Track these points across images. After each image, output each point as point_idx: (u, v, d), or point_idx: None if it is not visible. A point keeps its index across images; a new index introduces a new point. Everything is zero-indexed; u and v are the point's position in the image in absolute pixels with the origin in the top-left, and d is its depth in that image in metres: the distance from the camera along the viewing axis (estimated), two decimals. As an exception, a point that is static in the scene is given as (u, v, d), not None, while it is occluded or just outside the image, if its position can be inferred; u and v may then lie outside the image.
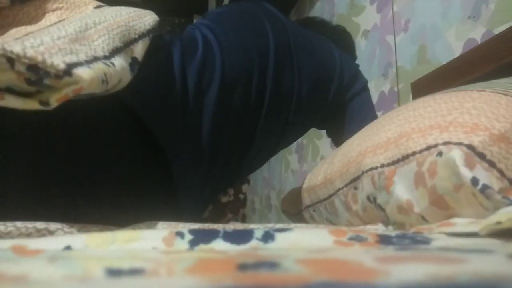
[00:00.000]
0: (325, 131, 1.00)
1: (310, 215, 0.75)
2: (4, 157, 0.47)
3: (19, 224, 0.40)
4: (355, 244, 0.28)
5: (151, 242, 0.25)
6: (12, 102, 0.36)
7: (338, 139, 0.93)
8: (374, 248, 0.27)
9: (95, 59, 0.40)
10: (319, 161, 2.00)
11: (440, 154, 0.41)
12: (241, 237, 0.27)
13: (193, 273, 0.15)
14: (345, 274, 0.15)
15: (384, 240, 0.29)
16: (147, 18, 0.56)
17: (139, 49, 0.50)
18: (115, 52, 0.45)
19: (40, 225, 0.40)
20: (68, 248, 0.24)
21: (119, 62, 0.44)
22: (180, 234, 0.26)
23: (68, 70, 0.36)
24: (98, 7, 0.54)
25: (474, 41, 1.09)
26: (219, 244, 0.26)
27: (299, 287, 0.13)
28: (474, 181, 0.37)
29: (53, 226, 0.41)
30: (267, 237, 0.27)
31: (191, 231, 0.27)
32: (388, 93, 1.50)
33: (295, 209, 0.83)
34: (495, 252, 0.21)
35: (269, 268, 0.15)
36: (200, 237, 0.26)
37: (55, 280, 0.14)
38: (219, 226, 0.37)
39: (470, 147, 0.39)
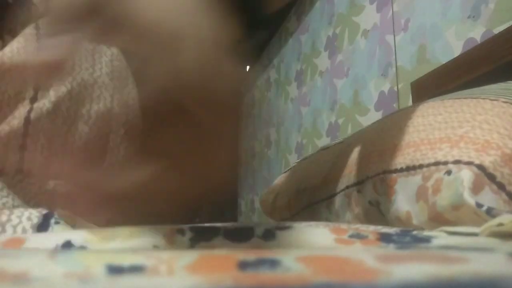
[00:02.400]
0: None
1: (309, 216, 0.75)
2: None
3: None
4: (355, 242, 0.28)
5: (151, 239, 0.25)
6: None
7: None
8: (375, 246, 0.27)
9: None
10: (318, 161, 1.99)
11: (449, 172, 0.40)
12: (242, 235, 0.27)
13: (194, 271, 0.15)
14: (346, 274, 0.15)
15: (384, 238, 0.29)
16: None
17: None
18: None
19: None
20: (68, 243, 0.24)
21: None
22: (180, 231, 0.26)
23: None
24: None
25: (474, 41, 1.09)
26: (220, 242, 0.26)
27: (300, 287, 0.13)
28: (478, 205, 0.36)
29: None
30: (268, 235, 0.27)
31: (192, 228, 0.27)
32: (388, 92, 1.50)
33: (288, 213, 0.82)
34: (496, 251, 0.21)
35: (269, 267, 0.15)
36: (201, 235, 0.26)
37: (56, 278, 0.14)
38: (218, 224, 0.37)
39: (480, 167, 0.38)
